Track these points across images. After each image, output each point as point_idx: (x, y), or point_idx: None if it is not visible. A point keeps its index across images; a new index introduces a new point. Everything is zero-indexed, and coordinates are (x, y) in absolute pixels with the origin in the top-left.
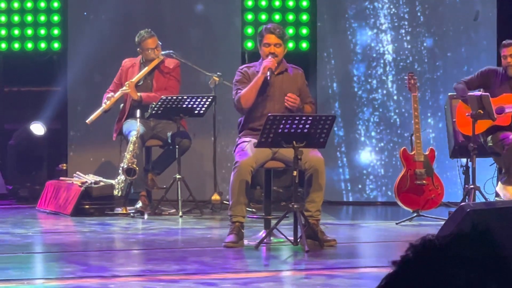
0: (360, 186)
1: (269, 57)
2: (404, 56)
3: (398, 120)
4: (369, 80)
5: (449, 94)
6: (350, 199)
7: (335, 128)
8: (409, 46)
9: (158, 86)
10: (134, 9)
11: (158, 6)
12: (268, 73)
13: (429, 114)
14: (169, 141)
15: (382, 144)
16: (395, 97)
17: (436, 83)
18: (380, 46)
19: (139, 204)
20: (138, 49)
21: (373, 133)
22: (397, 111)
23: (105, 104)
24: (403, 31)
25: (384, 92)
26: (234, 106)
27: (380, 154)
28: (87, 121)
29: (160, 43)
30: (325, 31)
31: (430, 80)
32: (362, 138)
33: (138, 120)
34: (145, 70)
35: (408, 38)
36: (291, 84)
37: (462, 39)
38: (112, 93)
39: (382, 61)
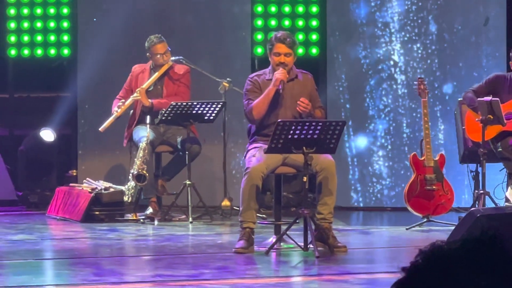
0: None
1: (280, 68)
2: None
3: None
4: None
5: (459, 99)
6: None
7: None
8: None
9: (168, 92)
10: (144, 15)
11: (168, 12)
12: (280, 86)
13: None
14: (179, 147)
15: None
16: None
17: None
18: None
19: (149, 210)
20: (147, 54)
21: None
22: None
23: (117, 111)
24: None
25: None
26: (245, 116)
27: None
28: (100, 128)
29: (170, 49)
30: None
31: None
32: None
33: (148, 126)
34: (155, 76)
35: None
36: (302, 90)
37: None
38: (123, 100)
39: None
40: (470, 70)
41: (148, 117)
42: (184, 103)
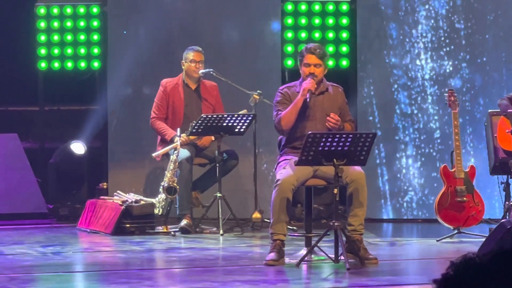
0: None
1: (309, 78)
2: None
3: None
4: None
5: (489, 111)
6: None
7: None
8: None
9: (206, 111)
10: (174, 28)
11: (198, 24)
12: (308, 95)
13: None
14: (217, 159)
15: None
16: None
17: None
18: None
19: (183, 222)
20: (182, 61)
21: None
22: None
23: (173, 143)
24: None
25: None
26: (275, 128)
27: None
28: (153, 155)
29: (203, 60)
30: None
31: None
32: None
33: (179, 139)
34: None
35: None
36: (332, 103)
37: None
38: (176, 135)
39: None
40: (500, 82)
41: (178, 130)
42: (215, 116)
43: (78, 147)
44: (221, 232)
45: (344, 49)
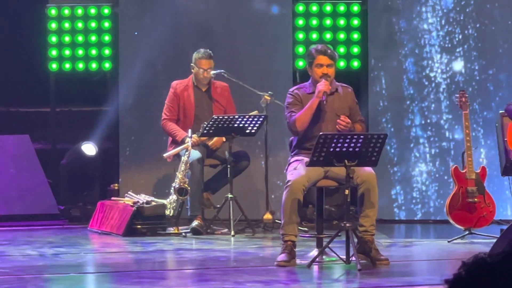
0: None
1: (323, 80)
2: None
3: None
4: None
5: (500, 112)
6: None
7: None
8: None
9: (217, 112)
10: (186, 29)
11: (209, 25)
12: (324, 97)
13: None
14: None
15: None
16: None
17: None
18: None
19: (195, 223)
20: (192, 64)
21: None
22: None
23: (184, 144)
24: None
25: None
26: (289, 129)
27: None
28: (164, 155)
29: (212, 66)
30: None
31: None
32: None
33: (190, 140)
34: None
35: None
36: (342, 103)
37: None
38: (187, 136)
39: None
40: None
41: (189, 131)
42: (226, 116)
43: (89, 148)
44: (232, 233)
45: (356, 50)
